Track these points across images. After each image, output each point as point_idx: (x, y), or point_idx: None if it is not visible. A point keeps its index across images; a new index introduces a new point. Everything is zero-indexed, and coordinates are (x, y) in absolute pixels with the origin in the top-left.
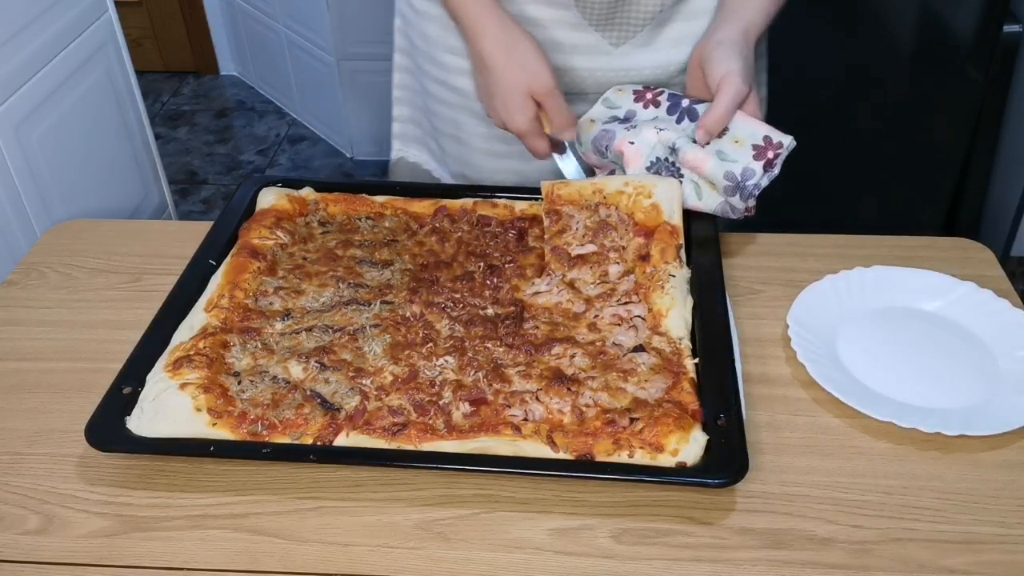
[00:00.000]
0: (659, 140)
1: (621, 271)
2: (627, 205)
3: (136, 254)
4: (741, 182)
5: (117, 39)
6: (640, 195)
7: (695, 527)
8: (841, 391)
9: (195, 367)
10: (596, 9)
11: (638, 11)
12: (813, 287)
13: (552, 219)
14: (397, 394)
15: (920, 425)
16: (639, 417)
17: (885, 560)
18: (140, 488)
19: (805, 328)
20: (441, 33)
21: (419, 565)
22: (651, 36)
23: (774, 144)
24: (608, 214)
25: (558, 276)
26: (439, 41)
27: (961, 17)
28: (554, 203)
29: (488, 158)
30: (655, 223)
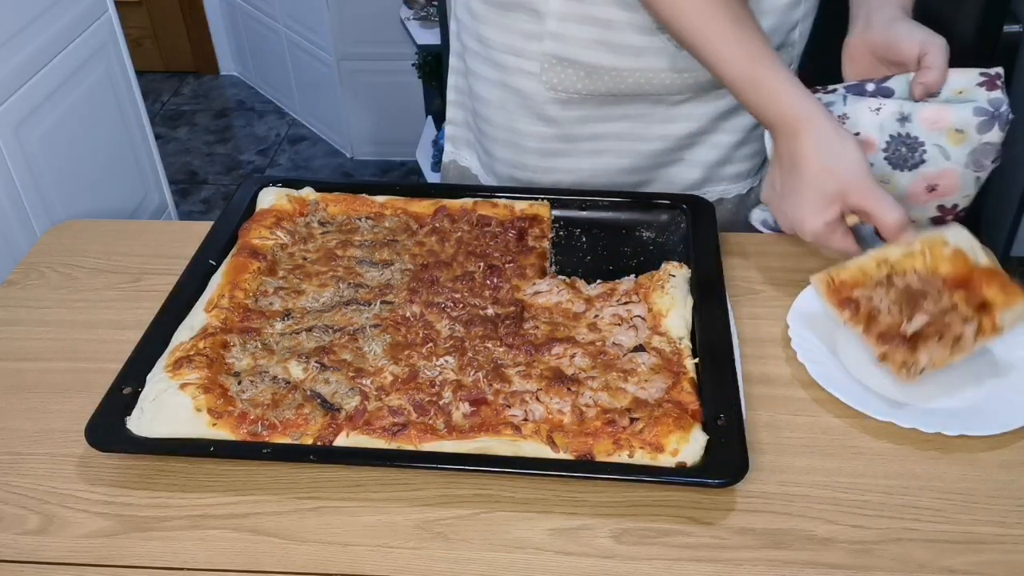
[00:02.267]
0: (881, 118)
1: (974, 329)
2: (925, 264)
3: (136, 254)
4: (994, 111)
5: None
6: (935, 247)
7: (695, 527)
8: (841, 391)
9: (195, 367)
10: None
11: None
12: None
13: (851, 310)
14: (397, 394)
15: (920, 425)
16: (639, 417)
17: (885, 560)
18: (140, 488)
19: (805, 328)
20: (501, 35)
21: (419, 565)
22: None
23: (992, 75)
24: (907, 281)
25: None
26: (498, 43)
27: (961, 17)
28: (839, 292)
29: (542, 158)
30: (967, 269)
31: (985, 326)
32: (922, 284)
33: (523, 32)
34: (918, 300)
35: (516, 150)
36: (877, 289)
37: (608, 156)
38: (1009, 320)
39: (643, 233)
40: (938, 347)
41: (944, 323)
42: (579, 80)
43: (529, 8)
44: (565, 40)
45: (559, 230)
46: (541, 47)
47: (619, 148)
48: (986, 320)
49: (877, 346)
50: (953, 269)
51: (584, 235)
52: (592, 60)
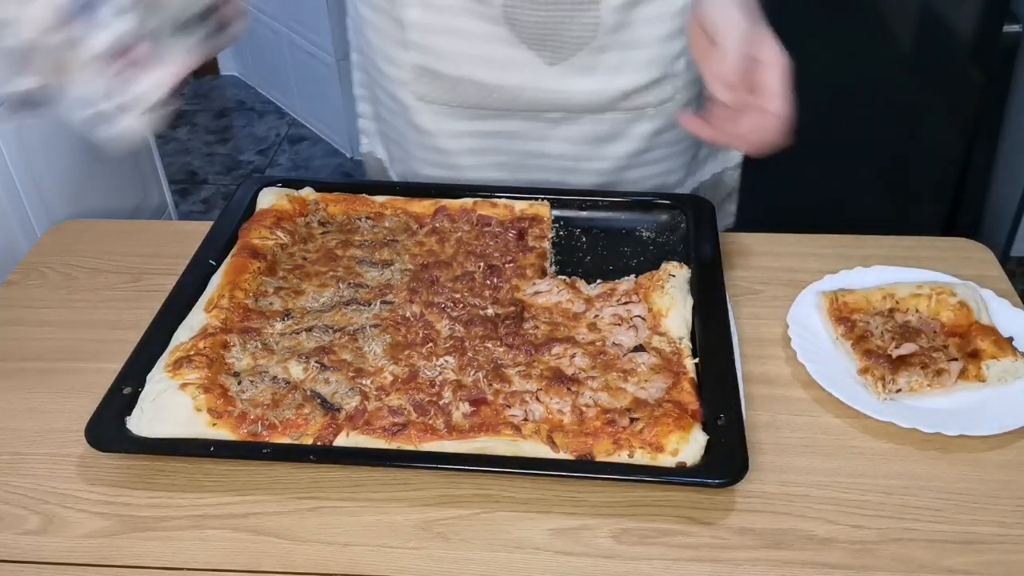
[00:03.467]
0: None
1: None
2: (928, 307)
3: (136, 254)
4: None
5: None
6: (943, 295)
7: (695, 527)
8: (841, 391)
9: (195, 367)
10: (527, 28)
11: (571, 34)
12: (813, 287)
13: (845, 327)
14: (397, 394)
15: (920, 425)
16: (639, 417)
17: (885, 560)
18: (140, 488)
19: (805, 328)
20: (379, 40)
21: (419, 565)
22: (588, 60)
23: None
24: (907, 318)
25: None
26: (377, 48)
27: (961, 17)
28: (840, 311)
29: (430, 168)
30: (967, 322)
31: (970, 371)
32: (920, 324)
33: (394, 39)
34: (912, 335)
35: (407, 156)
36: (876, 317)
37: (488, 171)
38: (995, 372)
39: (643, 233)
40: (919, 374)
41: (931, 357)
42: (445, 92)
43: (394, 16)
44: (428, 51)
45: (559, 230)
46: (408, 56)
47: (498, 163)
48: (972, 366)
49: (861, 360)
50: (954, 319)
51: (584, 235)
52: (456, 73)
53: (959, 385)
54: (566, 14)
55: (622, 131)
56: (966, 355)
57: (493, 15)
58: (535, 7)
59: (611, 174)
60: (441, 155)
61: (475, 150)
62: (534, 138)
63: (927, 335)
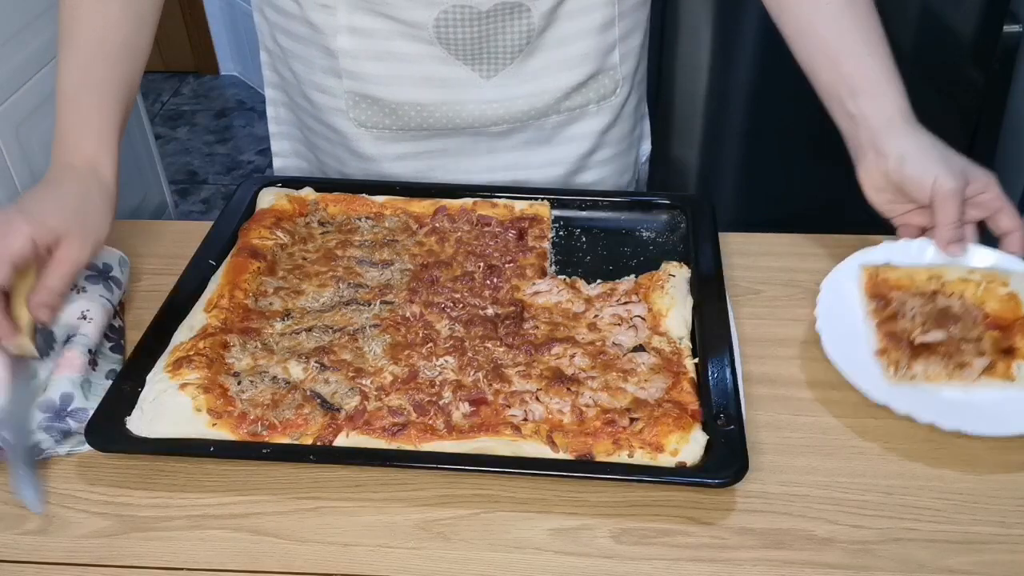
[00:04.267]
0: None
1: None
2: (975, 294)
3: (136, 254)
4: None
5: None
6: (993, 284)
7: (695, 527)
8: (848, 365)
9: (195, 367)
10: (460, 44)
11: (505, 43)
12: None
13: (879, 304)
14: (397, 394)
15: (917, 413)
16: (639, 417)
17: (885, 560)
18: (140, 488)
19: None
20: (307, 71)
21: (419, 565)
22: (523, 65)
23: None
24: (949, 303)
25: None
26: (306, 79)
27: (961, 17)
28: (878, 287)
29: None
30: (1013, 315)
31: (999, 368)
32: (961, 311)
33: (324, 68)
34: (948, 321)
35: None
36: (915, 298)
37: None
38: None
39: (643, 233)
40: (939, 364)
41: (959, 348)
42: (385, 116)
43: (321, 46)
44: (362, 78)
45: (559, 230)
46: (342, 85)
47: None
48: (1002, 363)
49: (880, 340)
50: (1000, 310)
51: (584, 235)
52: (394, 96)
53: (982, 381)
54: (498, 25)
55: (567, 133)
56: (1000, 351)
57: (424, 36)
58: (466, 24)
59: (563, 180)
60: (387, 179)
61: (421, 171)
62: (481, 152)
63: (966, 323)
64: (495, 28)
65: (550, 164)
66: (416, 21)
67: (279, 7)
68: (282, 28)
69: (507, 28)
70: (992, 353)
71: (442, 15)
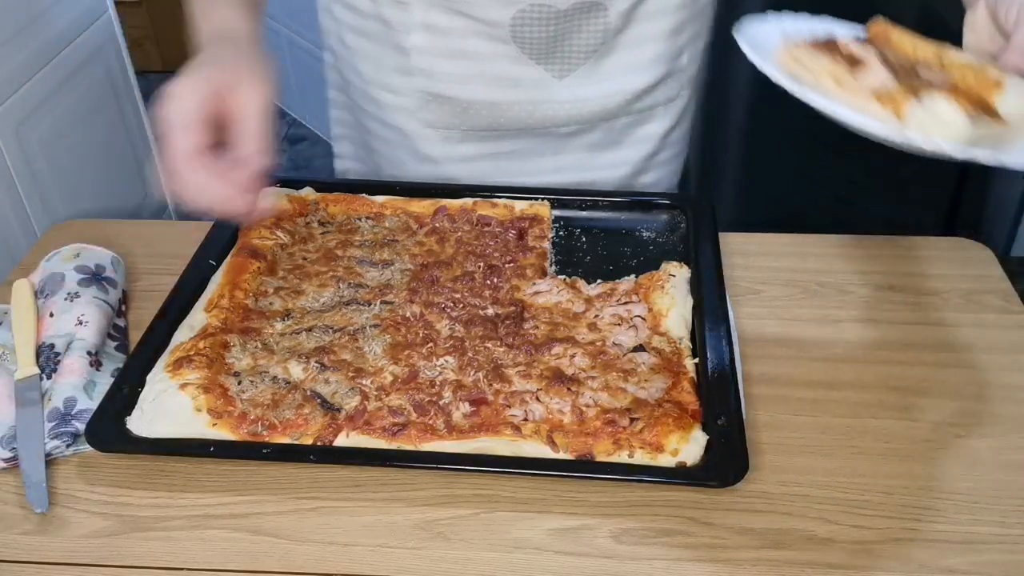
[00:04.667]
0: None
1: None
2: (961, 74)
3: (136, 254)
4: None
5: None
6: (987, 70)
7: (695, 527)
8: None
9: (195, 367)
10: (535, 43)
11: (579, 43)
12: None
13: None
14: (397, 394)
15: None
16: (639, 417)
17: (885, 560)
18: (140, 488)
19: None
20: (374, 71)
21: (419, 565)
22: (596, 66)
23: None
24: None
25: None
26: (373, 79)
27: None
28: (876, 39)
29: None
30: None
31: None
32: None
33: (394, 67)
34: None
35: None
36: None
37: None
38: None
39: (643, 233)
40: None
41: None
42: (455, 116)
43: (394, 43)
44: (434, 76)
45: (559, 230)
46: (413, 83)
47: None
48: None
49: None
50: (978, 89)
51: (584, 235)
52: (466, 95)
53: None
54: (575, 24)
55: (634, 135)
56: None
57: (500, 34)
58: (543, 23)
59: (624, 181)
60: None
61: (487, 172)
62: (547, 154)
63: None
64: (571, 27)
65: (615, 165)
66: (493, 19)
67: (351, 4)
68: (351, 26)
69: (583, 28)
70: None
71: (519, 13)
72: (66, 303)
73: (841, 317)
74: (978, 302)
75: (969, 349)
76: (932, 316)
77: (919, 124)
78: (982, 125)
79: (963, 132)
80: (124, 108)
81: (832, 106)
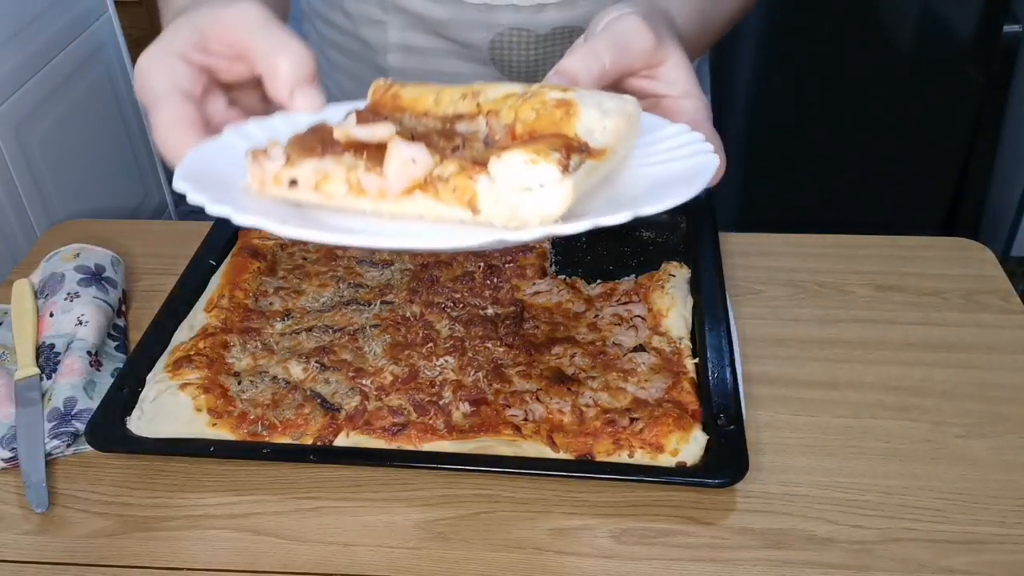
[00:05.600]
0: None
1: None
2: (514, 107)
3: (136, 254)
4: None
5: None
6: (544, 90)
7: (695, 527)
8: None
9: (195, 367)
10: (515, 67)
11: None
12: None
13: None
14: (397, 394)
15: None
16: (639, 417)
17: (885, 560)
18: (140, 488)
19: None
20: (357, 88)
21: (419, 565)
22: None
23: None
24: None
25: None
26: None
27: (961, 17)
28: (381, 108)
29: None
30: (554, 129)
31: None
32: (472, 130)
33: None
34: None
35: None
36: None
37: None
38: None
39: (643, 233)
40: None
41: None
42: None
43: (373, 63)
44: None
45: None
46: None
47: None
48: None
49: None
50: (538, 122)
51: (584, 235)
52: None
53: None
54: (556, 48)
55: None
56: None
57: (479, 56)
58: (523, 47)
59: None
60: None
61: None
62: None
63: (471, 141)
64: (552, 52)
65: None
66: (471, 42)
67: (331, 21)
68: (332, 42)
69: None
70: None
71: (498, 37)
72: (66, 303)
73: (841, 317)
74: (978, 302)
75: (969, 349)
76: (932, 316)
77: (506, 209)
78: (583, 169)
79: (564, 194)
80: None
81: (356, 237)
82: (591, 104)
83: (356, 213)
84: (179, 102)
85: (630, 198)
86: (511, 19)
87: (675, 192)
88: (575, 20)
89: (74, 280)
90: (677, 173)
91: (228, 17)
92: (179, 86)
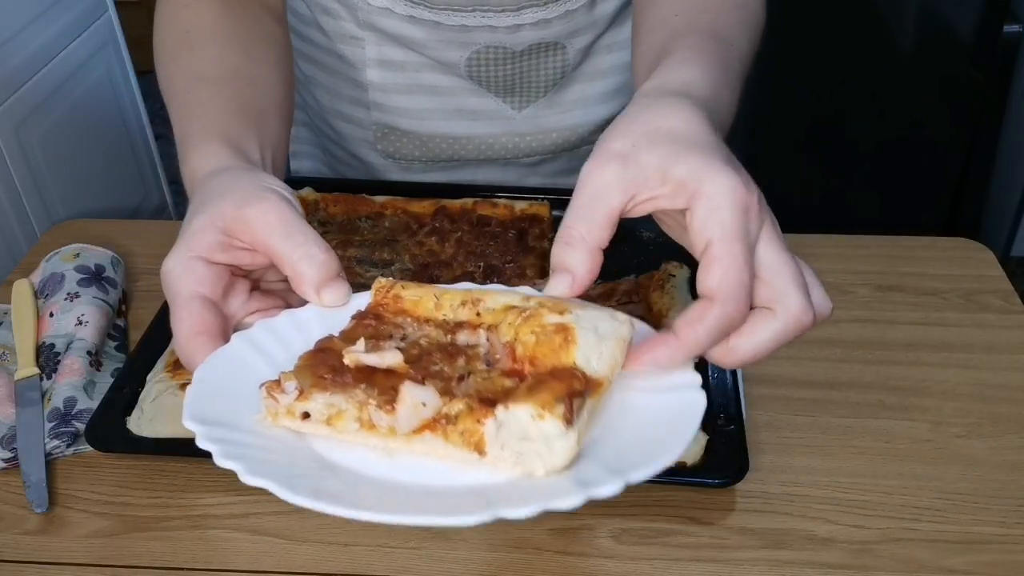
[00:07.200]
0: None
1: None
2: (512, 325)
3: (136, 254)
4: None
5: (117, 39)
6: (543, 310)
7: (695, 527)
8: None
9: None
10: (492, 82)
11: (537, 79)
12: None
13: (366, 324)
14: None
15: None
16: None
17: (885, 560)
18: (140, 488)
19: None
20: (330, 100)
21: (419, 565)
22: (554, 98)
23: None
24: (470, 340)
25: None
26: (329, 108)
27: (961, 17)
28: (382, 311)
29: None
30: (553, 359)
31: (465, 424)
32: (473, 346)
33: (351, 99)
34: (440, 357)
35: None
36: (425, 328)
37: None
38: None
39: (643, 233)
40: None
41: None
42: (415, 148)
43: (350, 78)
44: (392, 111)
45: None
46: (370, 116)
47: None
48: (469, 419)
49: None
50: (538, 348)
51: None
52: (425, 129)
53: (427, 438)
54: (533, 63)
55: None
56: (484, 401)
57: (456, 71)
58: (500, 63)
59: None
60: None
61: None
62: (512, 181)
63: (473, 362)
64: (529, 66)
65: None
66: (448, 60)
67: (307, 37)
68: (309, 57)
69: (541, 65)
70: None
71: (474, 54)
72: (66, 303)
73: (841, 317)
74: (978, 302)
75: (969, 349)
76: (932, 316)
77: (512, 455)
78: (585, 411)
79: (569, 446)
80: (124, 108)
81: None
82: (587, 327)
83: (366, 447)
84: (198, 310)
85: (615, 453)
86: (488, 38)
87: (663, 454)
88: (550, 37)
89: (74, 280)
90: (661, 413)
91: (251, 218)
92: (199, 292)
